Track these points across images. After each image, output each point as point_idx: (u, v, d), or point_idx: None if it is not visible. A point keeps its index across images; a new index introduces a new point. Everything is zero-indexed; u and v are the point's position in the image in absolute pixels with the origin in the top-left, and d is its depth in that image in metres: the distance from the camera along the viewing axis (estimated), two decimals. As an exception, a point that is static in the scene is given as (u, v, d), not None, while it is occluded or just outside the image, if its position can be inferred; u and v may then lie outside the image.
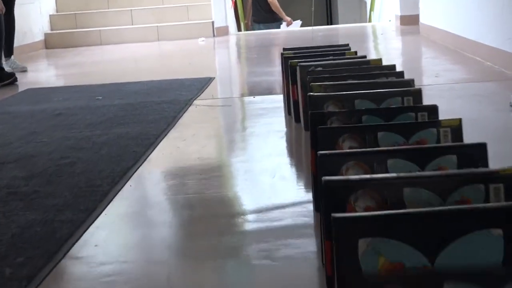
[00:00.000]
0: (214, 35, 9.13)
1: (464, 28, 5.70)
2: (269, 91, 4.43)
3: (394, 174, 1.40)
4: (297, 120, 3.36)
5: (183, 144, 3.15)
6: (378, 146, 1.85)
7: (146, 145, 3.09)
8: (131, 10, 9.54)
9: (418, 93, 2.35)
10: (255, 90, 4.60)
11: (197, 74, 5.57)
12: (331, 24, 15.48)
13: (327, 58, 3.48)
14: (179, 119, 3.69)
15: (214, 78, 5.17)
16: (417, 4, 8.80)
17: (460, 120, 1.86)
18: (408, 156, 1.58)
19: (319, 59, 3.43)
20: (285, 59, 3.55)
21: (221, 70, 6.16)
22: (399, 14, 8.92)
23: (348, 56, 3.47)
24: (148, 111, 3.94)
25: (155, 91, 4.72)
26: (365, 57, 3.39)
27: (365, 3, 12.75)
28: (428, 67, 5.12)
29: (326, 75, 2.93)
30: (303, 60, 3.44)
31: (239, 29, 10.43)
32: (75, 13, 9.61)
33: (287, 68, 3.46)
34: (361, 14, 13.52)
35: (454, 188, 1.33)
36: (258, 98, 4.20)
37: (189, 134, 3.34)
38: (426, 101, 2.37)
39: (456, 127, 1.83)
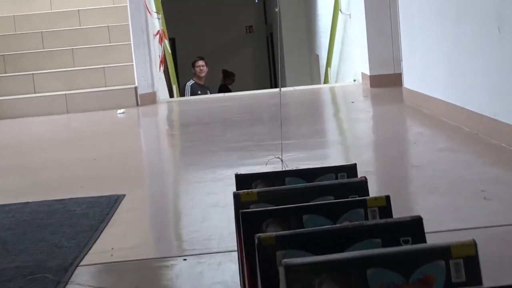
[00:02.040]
0: (138, 104, 7.24)
1: (483, 103, 3.95)
2: (207, 241, 2.53)
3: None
4: None
5: None
6: None
7: None
8: (33, 74, 7.60)
9: None
10: (188, 235, 2.69)
11: (101, 184, 3.69)
12: (275, 84, 13.62)
13: (334, 221, 1.65)
14: None
15: (125, 196, 3.27)
16: (391, 61, 7.04)
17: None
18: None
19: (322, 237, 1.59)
20: (245, 225, 1.67)
21: (138, 177, 4.09)
22: (368, 73, 7.15)
23: (382, 222, 1.62)
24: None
25: (19, 233, 2.81)
26: (420, 222, 1.55)
27: (317, 56, 10.99)
28: (458, 173, 3.28)
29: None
30: (285, 232, 1.61)
31: (170, 95, 8.53)
32: (-38, 80, 7.62)
33: (251, 251, 1.59)
34: (312, 71, 11.72)
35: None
36: (192, 261, 2.30)
37: None
38: None
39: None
